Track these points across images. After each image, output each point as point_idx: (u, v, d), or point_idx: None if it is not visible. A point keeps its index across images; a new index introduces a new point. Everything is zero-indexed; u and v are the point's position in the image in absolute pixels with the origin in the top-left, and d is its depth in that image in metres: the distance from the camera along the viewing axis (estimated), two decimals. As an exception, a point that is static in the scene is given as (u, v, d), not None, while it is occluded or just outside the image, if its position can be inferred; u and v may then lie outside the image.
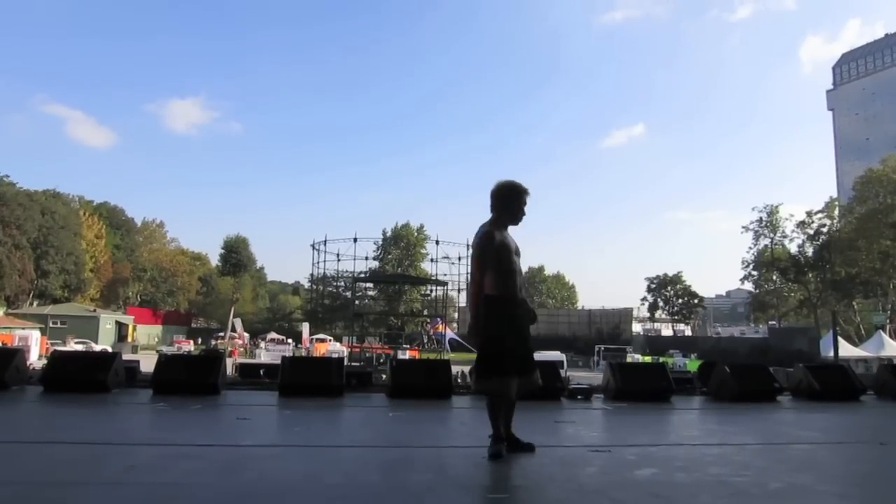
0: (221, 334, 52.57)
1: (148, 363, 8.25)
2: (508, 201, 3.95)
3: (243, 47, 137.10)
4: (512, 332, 3.83)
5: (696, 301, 66.91)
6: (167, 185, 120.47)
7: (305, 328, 49.09)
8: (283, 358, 8.31)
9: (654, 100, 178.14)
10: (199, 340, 50.32)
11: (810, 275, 51.91)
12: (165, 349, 35.33)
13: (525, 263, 4.21)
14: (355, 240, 55.82)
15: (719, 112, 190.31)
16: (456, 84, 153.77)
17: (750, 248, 56.02)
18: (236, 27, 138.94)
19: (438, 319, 48.11)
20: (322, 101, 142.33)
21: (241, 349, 44.09)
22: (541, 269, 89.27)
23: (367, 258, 63.16)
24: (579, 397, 7.74)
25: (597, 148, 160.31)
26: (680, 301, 66.20)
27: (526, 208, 4.01)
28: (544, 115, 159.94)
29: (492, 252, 3.81)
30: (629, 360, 35.94)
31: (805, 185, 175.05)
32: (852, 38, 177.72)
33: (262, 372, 9.41)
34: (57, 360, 7.41)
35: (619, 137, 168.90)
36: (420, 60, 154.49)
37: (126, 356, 9.44)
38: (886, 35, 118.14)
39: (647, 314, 68.97)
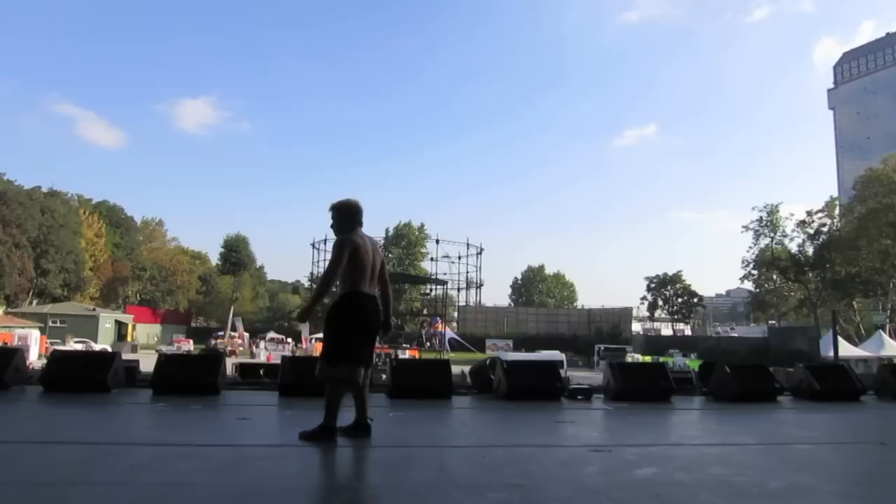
0: (221, 333, 52.55)
1: (147, 363, 8.23)
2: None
3: (257, 47, 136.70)
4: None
5: (695, 300, 66.89)
6: (171, 184, 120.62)
7: (305, 328, 48.93)
8: (283, 357, 8.35)
9: (666, 100, 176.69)
10: (212, 343, 46.67)
11: (810, 274, 51.81)
12: (165, 348, 35.33)
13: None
14: (355, 238, 55.72)
15: (729, 114, 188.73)
16: (464, 83, 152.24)
17: (750, 247, 55.97)
18: (247, 26, 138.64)
19: (438, 319, 48.06)
20: (327, 100, 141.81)
21: (247, 350, 43.77)
22: (541, 267, 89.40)
23: (367, 257, 63.06)
24: (579, 397, 7.74)
25: (607, 148, 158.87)
26: (680, 300, 66.15)
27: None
28: (555, 114, 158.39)
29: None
30: (629, 359, 35.95)
31: (806, 185, 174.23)
32: (866, 39, 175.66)
33: (262, 372, 9.42)
34: (56, 360, 7.38)
35: (631, 137, 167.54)
36: (430, 58, 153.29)
37: (126, 355, 9.41)
38: (887, 34, 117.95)
39: (647, 313, 68.91)
